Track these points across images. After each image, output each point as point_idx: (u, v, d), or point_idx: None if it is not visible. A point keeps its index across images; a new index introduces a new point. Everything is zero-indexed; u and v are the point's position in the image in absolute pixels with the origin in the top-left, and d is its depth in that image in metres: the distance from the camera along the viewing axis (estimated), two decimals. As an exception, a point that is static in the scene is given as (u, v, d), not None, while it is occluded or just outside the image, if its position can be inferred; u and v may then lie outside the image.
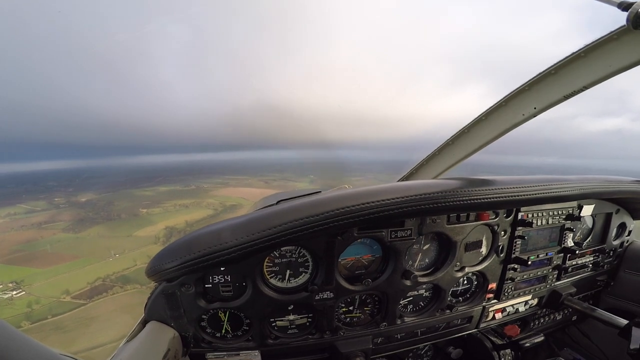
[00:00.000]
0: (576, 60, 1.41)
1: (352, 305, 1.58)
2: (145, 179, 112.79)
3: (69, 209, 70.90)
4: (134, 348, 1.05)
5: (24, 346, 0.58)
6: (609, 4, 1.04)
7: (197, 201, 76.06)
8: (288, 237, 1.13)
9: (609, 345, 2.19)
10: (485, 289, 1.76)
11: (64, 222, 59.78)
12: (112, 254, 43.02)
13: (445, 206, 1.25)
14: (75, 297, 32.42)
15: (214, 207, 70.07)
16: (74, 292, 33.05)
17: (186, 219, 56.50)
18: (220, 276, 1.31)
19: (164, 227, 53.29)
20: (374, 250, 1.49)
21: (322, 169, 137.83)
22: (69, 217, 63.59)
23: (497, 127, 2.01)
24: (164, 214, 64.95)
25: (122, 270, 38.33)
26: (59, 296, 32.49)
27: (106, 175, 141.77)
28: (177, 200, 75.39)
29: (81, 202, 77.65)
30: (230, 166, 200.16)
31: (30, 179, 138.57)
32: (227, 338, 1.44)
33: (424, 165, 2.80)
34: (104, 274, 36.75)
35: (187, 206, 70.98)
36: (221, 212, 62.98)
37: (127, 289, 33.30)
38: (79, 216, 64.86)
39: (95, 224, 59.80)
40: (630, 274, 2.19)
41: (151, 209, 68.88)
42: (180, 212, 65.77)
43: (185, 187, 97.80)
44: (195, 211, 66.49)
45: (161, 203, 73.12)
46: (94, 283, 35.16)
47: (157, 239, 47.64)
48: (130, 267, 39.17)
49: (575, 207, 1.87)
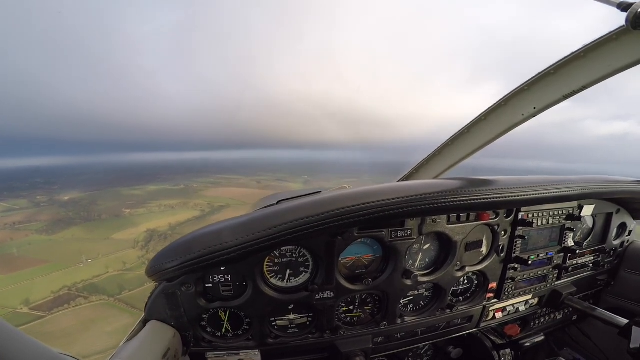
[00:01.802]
0: (575, 60, 1.41)
1: (353, 305, 1.58)
2: (135, 177, 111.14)
3: (49, 208, 68.33)
4: (135, 347, 1.05)
5: (24, 346, 0.58)
6: (608, 5, 1.05)
7: (184, 201, 73.73)
8: (288, 237, 1.13)
9: (609, 344, 2.19)
10: (486, 288, 1.76)
11: (40, 222, 57.10)
12: (83, 259, 40.30)
13: (446, 206, 1.25)
14: (34, 308, 29.42)
15: (201, 208, 67.64)
16: (34, 303, 30.12)
17: (170, 222, 54.33)
18: (220, 276, 1.31)
19: (145, 229, 51.05)
20: (374, 250, 1.49)
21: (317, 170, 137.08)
22: (47, 217, 60.87)
23: (496, 127, 2.01)
24: (148, 215, 62.63)
25: (92, 277, 35.74)
26: (16, 306, 29.43)
27: (96, 173, 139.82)
28: (164, 201, 72.90)
29: (63, 201, 75.11)
30: (223, 165, 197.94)
31: (16, 175, 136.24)
32: (228, 337, 1.44)
33: (424, 166, 2.80)
34: (72, 282, 33.84)
35: (173, 207, 68.44)
36: (208, 214, 60.70)
37: (92, 301, 31.06)
38: (57, 216, 62.18)
39: (72, 225, 57.06)
40: (630, 274, 2.19)
41: (135, 210, 66.52)
42: (166, 213, 63.45)
43: (174, 187, 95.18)
44: (181, 212, 64.23)
45: (146, 203, 70.57)
46: (59, 292, 32.42)
47: (136, 242, 45.28)
48: (102, 274, 36.68)
49: (575, 207, 1.87)
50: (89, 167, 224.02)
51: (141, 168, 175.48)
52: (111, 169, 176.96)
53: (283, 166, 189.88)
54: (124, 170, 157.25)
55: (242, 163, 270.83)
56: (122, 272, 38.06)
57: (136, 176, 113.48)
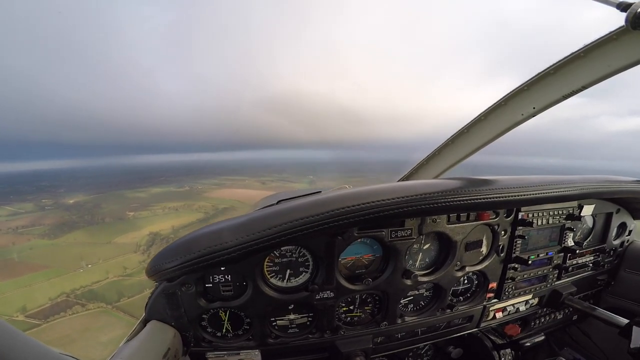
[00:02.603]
0: (575, 61, 1.41)
1: (353, 305, 1.58)
2: (140, 180, 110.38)
3: (54, 212, 67.58)
4: (135, 347, 1.05)
5: (24, 346, 0.58)
6: (608, 5, 1.05)
7: (188, 204, 73.12)
8: (288, 237, 1.13)
9: (609, 344, 2.19)
10: (486, 288, 1.77)
11: (43, 226, 56.13)
12: (83, 265, 39.04)
13: (445, 206, 1.25)
14: (31, 315, 28.51)
15: (205, 210, 66.84)
16: (31, 310, 29.16)
17: (173, 224, 53.55)
18: (220, 276, 1.31)
19: (147, 232, 50.12)
20: (374, 250, 1.49)
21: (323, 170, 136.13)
22: (51, 220, 59.94)
23: (496, 127, 2.01)
24: (152, 217, 61.91)
25: (91, 283, 34.52)
26: (12, 314, 28.56)
27: (103, 175, 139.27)
28: (168, 203, 72.21)
29: (68, 204, 74.22)
30: (228, 166, 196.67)
31: (23, 179, 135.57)
32: (228, 337, 1.44)
33: (424, 165, 2.80)
34: (70, 288, 32.59)
35: (177, 209, 67.67)
36: (212, 216, 59.70)
37: (89, 308, 30.06)
38: (62, 220, 61.15)
39: (75, 228, 56.08)
40: (630, 274, 2.19)
41: (138, 212, 65.63)
42: (169, 215, 62.70)
43: (178, 189, 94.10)
44: (185, 215, 63.24)
45: (150, 206, 69.79)
46: (57, 299, 31.37)
47: (138, 246, 44.05)
48: (101, 280, 35.47)
49: (575, 207, 1.87)
50: (94, 169, 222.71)
51: (146, 170, 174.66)
52: (116, 171, 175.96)
53: (288, 166, 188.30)
54: (129, 172, 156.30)
55: (248, 164, 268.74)
56: (122, 278, 37.26)
57: (141, 179, 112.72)
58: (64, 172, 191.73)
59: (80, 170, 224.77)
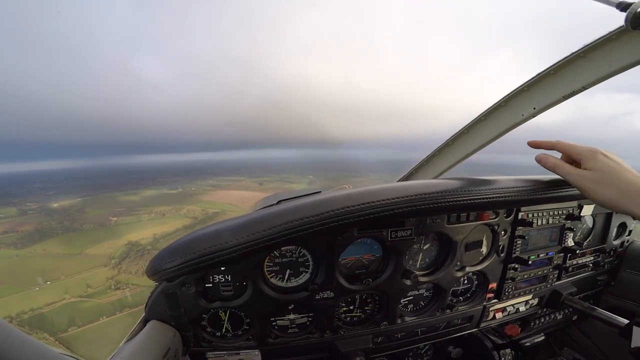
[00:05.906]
0: (575, 61, 1.42)
1: (353, 305, 1.58)
2: (136, 181, 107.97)
3: (35, 217, 62.74)
4: (135, 347, 1.05)
5: (24, 346, 0.58)
6: (608, 5, 1.05)
7: (176, 208, 68.14)
8: (288, 237, 1.13)
9: (609, 345, 2.19)
10: (486, 288, 1.77)
11: (17, 233, 51.19)
12: (40, 281, 33.89)
13: (445, 206, 1.25)
14: None
15: (194, 214, 62.40)
16: None
17: (155, 232, 49.31)
18: (220, 276, 1.31)
19: (126, 242, 45.71)
20: (374, 250, 1.49)
21: (323, 169, 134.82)
22: (29, 227, 54.94)
23: (496, 127, 2.02)
24: (135, 224, 57.43)
25: (44, 306, 29.83)
26: None
27: (100, 177, 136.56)
28: (156, 207, 67.39)
29: (51, 208, 69.72)
30: (226, 166, 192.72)
31: (15, 180, 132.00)
32: (228, 337, 1.44)
33: (424, 165, 2.81)
34: (17, 311, 27.91)
35: (165, 214, 62.76)
36: (200, 222, 55.16)
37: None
38: (39, 226, 56.30)
39: (49, 236, 50.85)
40: (630, 274, 2.19)
41: (122, 218, 61.23)
42: (154, 221, 58.17)
43: (171, 190, 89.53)
44: (172, 220, 58.43)
45: (136, 210, 65.15)
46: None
47: (110, 259, 39.69)
48: (56, 302, 30.76)
49: (575, 207, 1.87)
50: (94, 170, 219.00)
51: (145, 171, 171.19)
52: (115, 172, 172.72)
53: (287, 166, 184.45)
54: (128, 173, 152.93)
55: (247, 164, 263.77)
56: (80, 300, 32.56)
57: (136, 180, 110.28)
58: (61, 174, 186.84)
59: (79, 171, 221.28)
